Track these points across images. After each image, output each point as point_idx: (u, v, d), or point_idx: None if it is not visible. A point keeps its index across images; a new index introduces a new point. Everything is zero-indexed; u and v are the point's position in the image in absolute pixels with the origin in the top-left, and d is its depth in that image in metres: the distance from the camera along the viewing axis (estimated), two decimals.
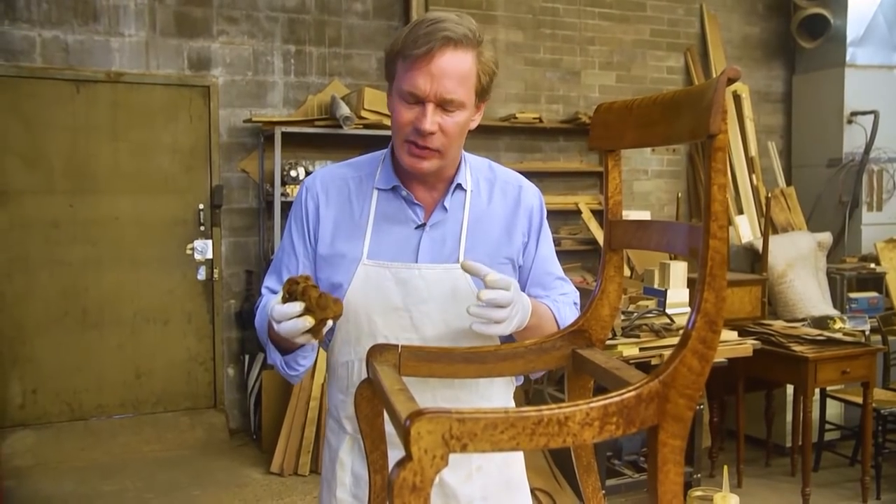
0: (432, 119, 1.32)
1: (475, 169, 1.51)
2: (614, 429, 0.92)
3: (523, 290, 1.51)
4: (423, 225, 1.45)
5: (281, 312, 1.22)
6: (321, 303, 1.21)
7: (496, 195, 1.50)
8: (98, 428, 4.75)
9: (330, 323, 1.24)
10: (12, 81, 4.57)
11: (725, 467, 1.33)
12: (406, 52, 1.32)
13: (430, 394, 1.37)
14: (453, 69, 1.32)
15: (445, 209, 1.46)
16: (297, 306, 1.20)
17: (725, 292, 0.96)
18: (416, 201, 1.45)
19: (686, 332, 0.95)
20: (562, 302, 1.51)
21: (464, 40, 1.32)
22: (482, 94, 1.39)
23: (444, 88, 1.31)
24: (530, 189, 1.54)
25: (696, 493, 1.37)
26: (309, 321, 1.21)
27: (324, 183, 1.49)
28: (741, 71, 0.91)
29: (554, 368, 1.28)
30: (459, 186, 1.47)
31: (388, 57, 1.38)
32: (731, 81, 0.92)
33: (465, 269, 1.32)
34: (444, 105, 1.33)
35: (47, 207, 4.69)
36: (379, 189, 1.46)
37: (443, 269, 1.42)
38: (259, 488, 4.19)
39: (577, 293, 1.57)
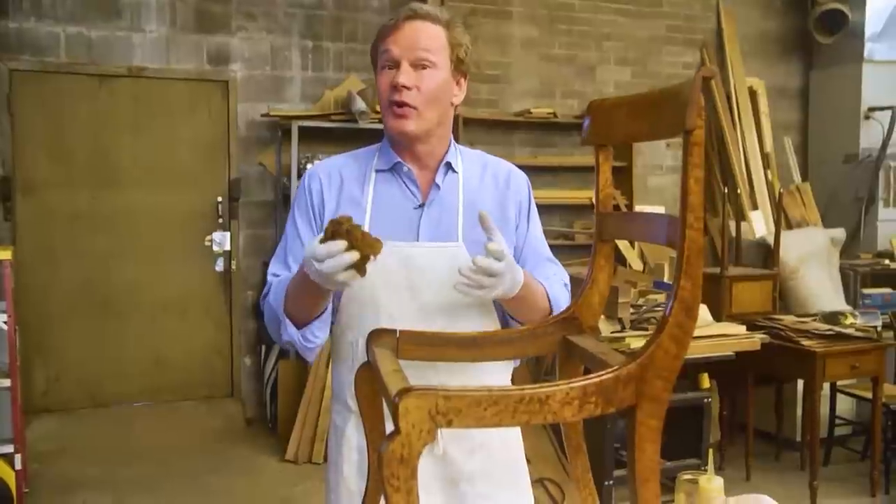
0: (406, 75, 1.47)
1: (467, 156, 1.62)
2: (593, 408, 0.98)
3: None
4: (423, 205, 1.54)
5: (324, 251, 1.24)
6: (366, 240, 1.25)
7: (487, 178, 1.60)
8: (118, 415, 4.87)
9: (373, 259, 1.27)
10: (37, 76, 4.69)
11: (710, 451, 1.38)
12: (380, 34, 1.52)
13: (434, 373, 1.43)
14: (419, 33, 1.49)
15: (438, 187, 1.55)
16: (341, 244, 1.24)
17: (701, 280, 1.01)
18: (414, 178, 1.55)
19: (663, 317, 1.00)
20: (553, 281, 1.58)
21: (429, 16, 1.50)
22: (458, 65, 1.53)
23: (414, 47, 1.48)
24: (518, 173, 1.65)
25: (685, 476, 1.42)
26: (354, 255, 1.24)
27: (325, 170, 1.60)
28: (715, 71, 0.96)
29: (546, 353, 1.34)
30: (450, 167, 1.57)
31: (372, 49, 1.55)
32: (705, 80, 0.97)
33: (482, 219, 1.38)
34: (418, 63, 1.48)
35: (70, 199, 4.81)
36: (378, 171, 1.56)
37: (442, 246, 1.51)
38: (274, 475, 4.28)
39: (567, 275, 1.65)
